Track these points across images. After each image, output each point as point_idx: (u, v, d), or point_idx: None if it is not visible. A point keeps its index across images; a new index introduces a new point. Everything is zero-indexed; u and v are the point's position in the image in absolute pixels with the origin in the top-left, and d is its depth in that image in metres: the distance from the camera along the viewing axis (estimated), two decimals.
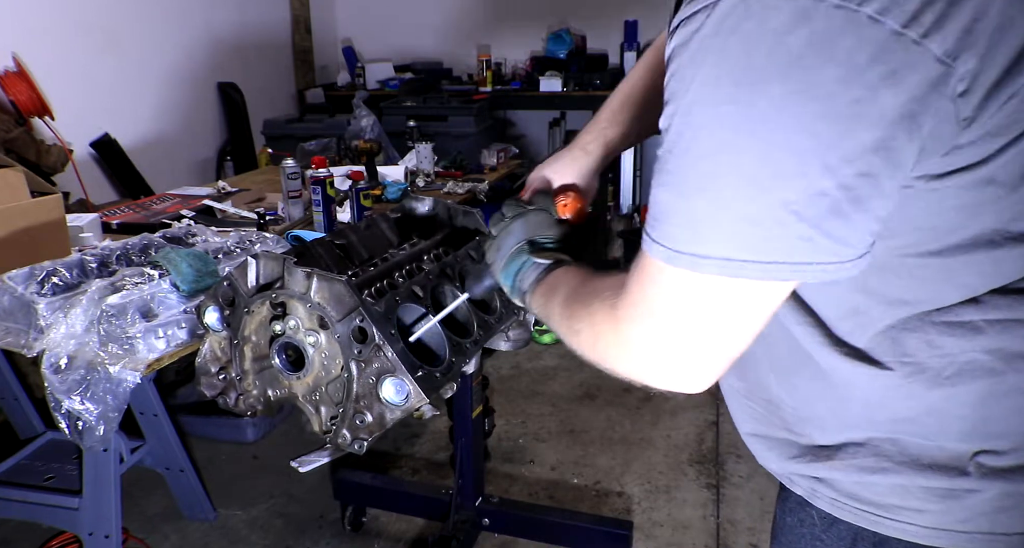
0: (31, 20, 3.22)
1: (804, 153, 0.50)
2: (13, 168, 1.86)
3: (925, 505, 0.67)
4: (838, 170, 0.50)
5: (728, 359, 0.61)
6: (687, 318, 0.59)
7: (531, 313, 0.85)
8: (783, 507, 0.81)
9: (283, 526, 2.24)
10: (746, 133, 0.51)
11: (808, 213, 0.52)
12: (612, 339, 0.65)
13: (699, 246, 0.55)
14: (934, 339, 0.63)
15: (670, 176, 0.56)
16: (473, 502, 2.06)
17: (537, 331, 3.42)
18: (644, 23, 4.88)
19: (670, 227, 0.57)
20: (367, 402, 1.10)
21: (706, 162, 0.54)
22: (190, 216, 2.45)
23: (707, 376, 0.62)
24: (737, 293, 0.56)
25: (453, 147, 3.65)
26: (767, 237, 0.53)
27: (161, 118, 4.04)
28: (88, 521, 1.80)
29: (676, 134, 0.55)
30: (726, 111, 0.52)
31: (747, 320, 0.59)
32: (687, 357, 0.61)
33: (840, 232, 0.53)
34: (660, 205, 0.58)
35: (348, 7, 5.64)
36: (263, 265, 1.16)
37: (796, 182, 0.51)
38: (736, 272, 0.54)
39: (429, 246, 1.37)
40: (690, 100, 0.54)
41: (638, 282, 0.61)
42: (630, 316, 0.62)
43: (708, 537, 2.17)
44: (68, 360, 1.48)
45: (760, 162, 0.51)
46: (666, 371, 0.62)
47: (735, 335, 0.59)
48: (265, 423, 2.69)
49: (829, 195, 0.51)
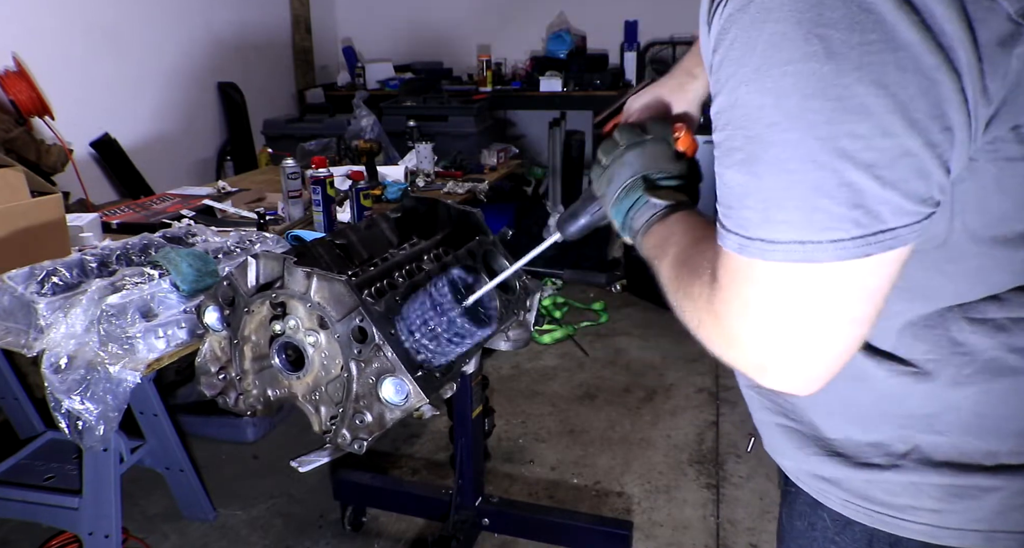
0: (31, 20, 3.22)
1: (887, 109, 0.47)
2: (13, 168, 1.86)
3: (940, 505, 0.66)
4: (925, 126, 0.47)
5: (840, 353, 0.55)
6: (784, 313, 0.53)
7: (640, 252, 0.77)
8: (790, 512, 0.80)
9: (283, 526, 2.24)
10: (820, 91, 0.47)
11: (893, 176, 0.48)
12: (716, 332, 0.59)
13: (771, 230, 0.51)
14: (955, 336, 0.62)
15: (741, 153, 0.52)
16: (473, 502, 2.06)
17: (537, 331, 3.42)
18: (644, 23, 4.88)
19: (745, 211, 0.53)
20: (367, 402, 1.10)
21: (776, 130, 0.49)
22: (190, 216, 2.45)
23: (815, 375, 0.56)
24: (824, 278, 0.51)
25: (453, 147, 3.65)
26: (844, 210, 0.49)
27: (161, 118, 4.04)
28: (88, 521, 1.80)
29: (743, 107, 0.51)
30: (796, 69, 0.48)
31: (848, 307, 0.53)
32: (795, 355, 0.55)
33: (922, 192, 0.49)
34: (731, 189, 0.54)
35: (348, 7, 5.65)
36: (263, 265, 1.16)
37: (879, 142, 0.48)
38: (811, 256, 0.50)
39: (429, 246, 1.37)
40: (756, 65, 0.50)
41: (726, 277, 0.56)
42: (727, 312, 0.57)
43: (708, 537, 2.17)
44: (68, 360, 1.48)
45: (837, 123, 0.48)
46: (774, 370, 0.57)
47: (841, 326, 0.53)
48: (265, 423, 2.69)
49: (915, 155, 0.48)
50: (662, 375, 3.13)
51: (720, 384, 3.03)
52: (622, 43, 4.96)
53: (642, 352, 3.35)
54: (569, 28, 5.05)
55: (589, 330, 3.58)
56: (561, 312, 3.73)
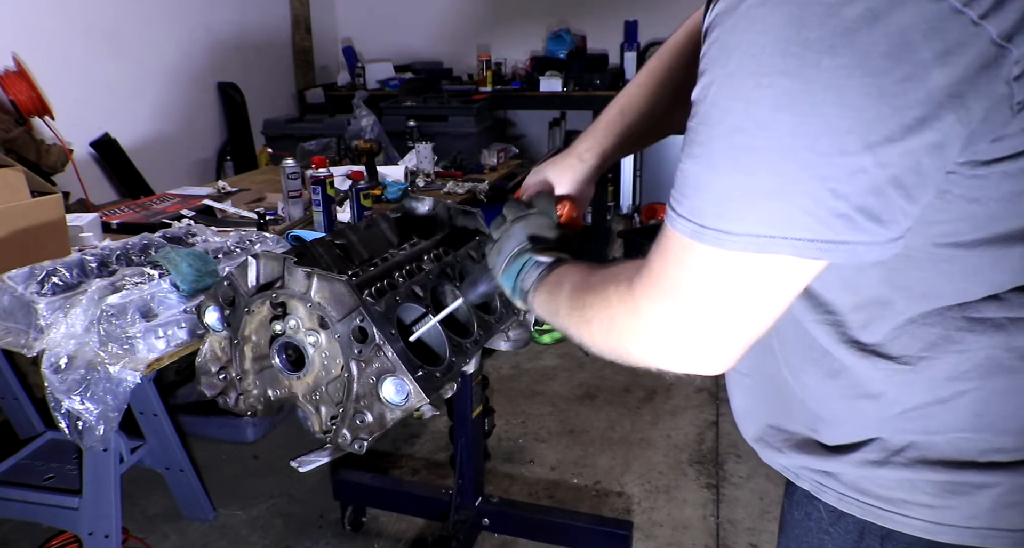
0: (31, 20, 3.22)
1: (847, 129, 0.49)
2: (13, 168, 1.86)
3: (934, 500, 0.67)
4: (881, 149, 0.49)
5: (748, 340, 0.59)
6: (711, 297, 0.57)
7: (533, 314, 0.83)
8: (790, 501, 0.81)
9: (283, 526, 2.24)
10: (788, 106, 0.50)
11: (845, 190, 0.50)
12: (628, 321, 0.63)
13: (728, 222, 0.54)
14: (953, 335, 0.62)
15: (701, 148, 0.55)
16: (473, 502, 2.06)
17: (537, 331, 3.42)
18: (644, 23, 4.88)
19: (698, 201, 0.55)
20: (367, 402, 1.10)
21: (741, 135, 0.52)
22: (190, 216, 2.45)
23: (726, 357, 0.60)
24: (764, 271, 0.55)
25: (453, 147, 3.65)
26: (800, 213, 0.52)
27: (161, 118, 4.04)
28: (88, 521, 1.80)
29: (711, 105, 0.53)
30: (769, 83, 0.50)
31: (772, 300, 0.57)
32: (707, 338, 0.59)
33: (877, 212, 0.51)
34: (688, 179, 0.56)
35: (348, 7, 5.65)
36: (263, 265, 1.16)
37: (836, 159, 0.50)
38: (765, 248, 0.53)
39: (429, 246, 1.37)
40: (731, 70, 0.52)
41: (661, 260, 0.60)
42: (650, 295, 0.60)
43: (708, 537, 2.17)
44: (68, 360, 1.48)
45: (800, 136, 0.50)
46: (684, 353, 0.61)
47: (758, 315, 0.58)
48: (265, 423, 2.69)
49: (869, 173, 0.50)
50: (662, 375, 3.13)
51: (720, 384, 3.03)
52: (622, 43, 4.96)
53: None
54: (569, 28, 5.05)
55: None
56: None
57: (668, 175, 4.75)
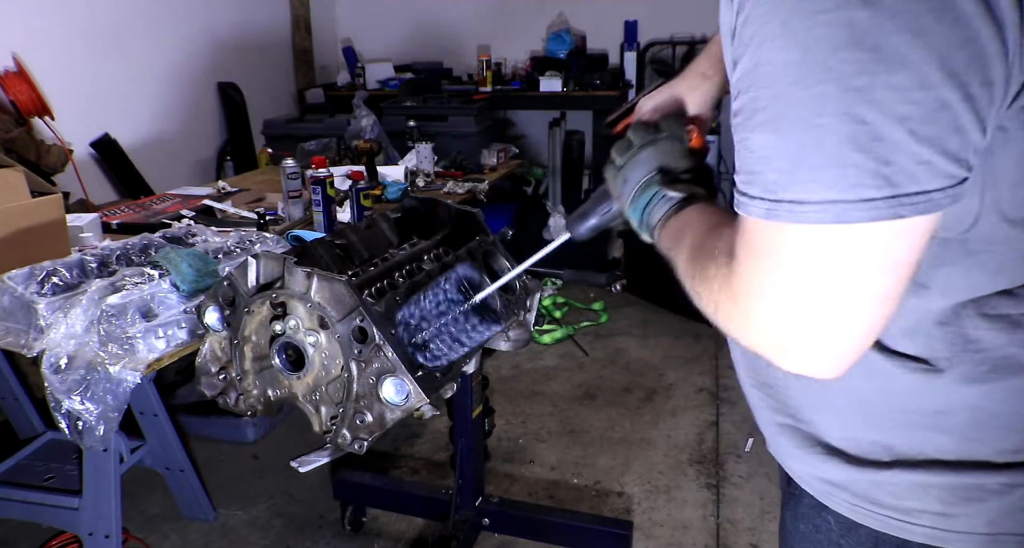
0: (31, 20, 3.22)
1: (925, 59, 0.44)
2: (13, 168, 1.86)
3: (949, 508, 0.65)
4: (965, 77, 0.45)
5: (863, 334, 0.52)
6: (808, 287, 0.51)
7: (658, 248, 0.76)
8: (794, 513, 0.78)
9: (283, 526, 2.24)
10: (853, 42, 0.45)
11: (928, 131, 0.46)
12: (731, 311, 0.57)
13: (802, 189, 0.48)
14: (969, 333, 0.60)
15: (764, 114, 0.49)
16: (473, 502, 2.06)
17: (537, 331, 3.42)
18: (644, 23, 4.88)
19: (770, 174, 0.50)
20: (367, 402, 1.10)
21: (805, 84, 0.47)
22: (190, 216, 2.45)
23: (843, 354, 0.53)
24: (856, 244, 0.48)
25: (453, 147, 3.65)
26: (879, 165, 0.46)
27: (161, 118, 4.04)
28: (88, 521, 1.80)
29: (766, 64, 0.49)
30: (827, 20, 0.45)
31: (878, 277, 0.50)
32: (813, 337, 0.52)
33: (958, 151, 0.47)
34: (755, 152, 0.51)
35: (348, 7, 5.65)
36: (263, 265, 1.16)
37: (916, 94, 0.45)
38: (843, 216, 0.48)
39: (429, 246, 1.37)
40: (783, 19, 0.47)
41: (745, 253, 0.54)
42: (746, 291, 0.54)
43: (708, 537, 2.17)
44: (68, 360, 1.48)
45: (872, 74, 0.45)
46: (796, 351, 0.54)
47: (869, 300, 0.51)
48: (265, 423, 2.69)
49: (952, 109, 0.45)
50: (662, 375, 3.13)
51: (720, 384, 3.03)
52: (622, 43, 4.95)
53: (642, 352, 3.35)
54: (569, 28, 5.05)
55: (589, 330, 3.58)
56: (561, 312, 3.74)
57: None
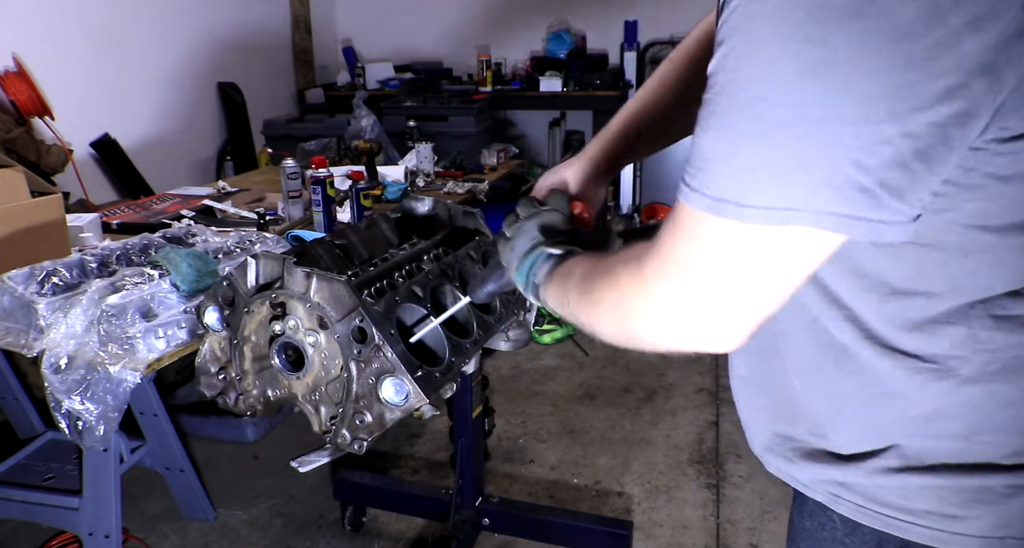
0: (31, 20, 3.22)
1: (873, 97, 0.47)
2: (13, 168, 1.86)
3: (955, 510, 0.64)
4: (907, 118, 0.48)
5: (759, 318, 0.58)
6: (722, 272, 0.56)
7: (546, 308, 0.83)
8: (800, 511, 0.78)
9: (283, 526, 2.24)
10: (812, 73, 0.48)
11: (869, 162, 0.49)
12: (636, 300, 0.62)
13: (748, 194, 0.52)
14: (979, 333, 0.60)
15: (720, 120, 0.53)
16: (473, 502, 2.06)
17: (537, 331, 3.42)
18: (644, 23, 4.88)
19: (716, 174, 0.54)
20: (367, 402, 1.10)
21: (763, 103, 0.50)
22: (190, 216, 2.45)
23: (734, 335, 0.59)
24: (781, 245, 0.53)
25: (453, 147, 3.65)
26: (821, 185, 0.50)
27: (161, 118, 4.04)
28: (88, 521, 1.80)
29: (731, 73, 0.52)
30: (793, 49, 0.48)
31: (785, 276, 0.56)
32: (716, 314, 0.58)
33: (900, 186, 0.50)
34: (705, 151, 0.55)
35: (348, 7, 5.65)
36: (263, 265, 1.16)
37: (861, 128, 0.48)
38: (785, 220, 0.51)
39: (429, 246, 1.37)
40: (753, 37, 0.50)
41: (671, 236, 0.58)
42: (660, 273, 0.59)
43: (708, 537, 2.17)
44: (68, 360, 1.48)
45: (824, 105, 0.48)
46: (691, 330, 0.59)
47: (770, 292, 0.56)
48: (265, 423, 2.69)
49: (894, 145, 0.48)
50: (662, 375, 3.13)
51: (720, 384, 3.03)
52: (622, 43, 4.95)
53: (642, 352, 3.35)
54: (569, 28, 5.05)
55: None
56: None
57: (668, 175, 4.76)
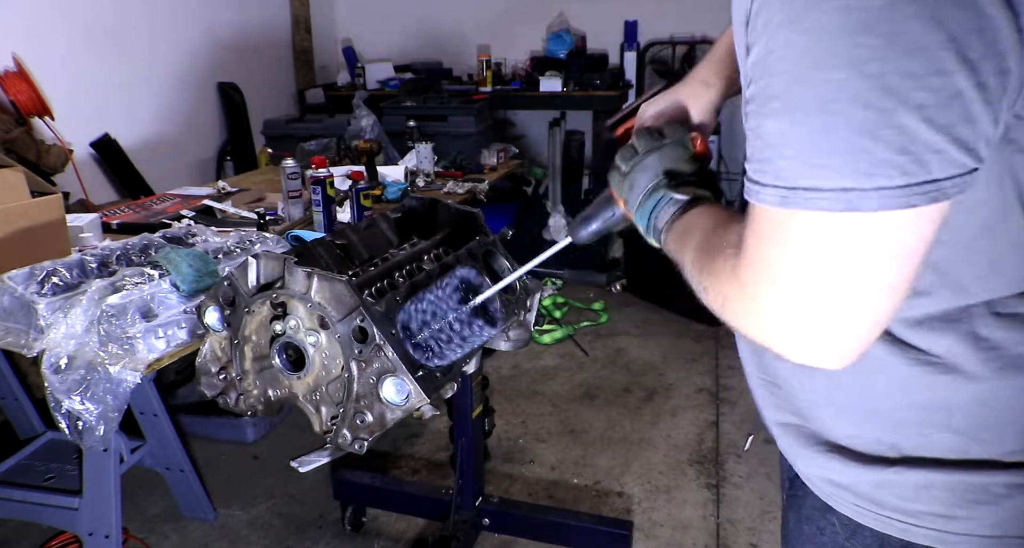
0: (31, 20, 3.22)
1: (940, 47, 0.44)
2: (13, 168, 1.86)
3: (954, 510, 0.64)
4: (979, 65, 0.45)
5: (872, 324, 0.53)
6: (815, 276, 0.51)
7: (666, 251, 0.76)
8: (798, 515, 0.78)
9: (283, 526, 2.24)
10: (869, 26, 0.45)
11: (942, 119, 0.45)
12: (740, 304, 0.57)
13: (817, 177, 0.48)
14: (980, 331, 0.60)
15: (777, 102, 0.49)
16: (473, 502, 2.06)
17: (537, 331, 3.42)
18: (644, 23, 4.88)
19: (783, 161, 0.50)
20: (368, 402, 1.10)
21: (817, 70, 0.47)
22: (190, 216, 2.45)
23: (850, 344, 0.53)
24: (868, 233, 0.48)
25: (453, 147, 3.65)
26: (894, 153, 0.46)
27: (161, 118, 4.04)
28: (88, 521, 1.80)
29: (783, 48, 0.48)
30: (844, 5, 0.45)
31: (886, 267, 0.50)
32: (825, 324, 0.52)
33: (968, 139, 0.47)
34: (768, 140, 0.51)
35: (348, 7, 5.65)
36: (263, 265, 1.16)
37: (932, 81, 0.45)
38: (856, 204, 0.48)
39: (429, 246, 1.37)
40: (800, 4, 0.47)
41: (754, 241, 0.54)
42: (754, 280, 0.54)
43: (708, 537, 2.17)
44: (68, 360, 1.48)
45: (886, 59, 0.45)
46: (803, 343, 0.54)
47: (879, 288, 0.51)
48: (265, 423, 2.69)
49: (966, 96, 0.45)
50: (662, 375, 3.13)
51: (720, 384, 3.03)
52: (622, 43, 4.95)
53: (642, 352, 3.35)
54: (569, 28, 5.05)
55: (589, 330, 3.58)
56: (561, 312, 3.74)
57: None
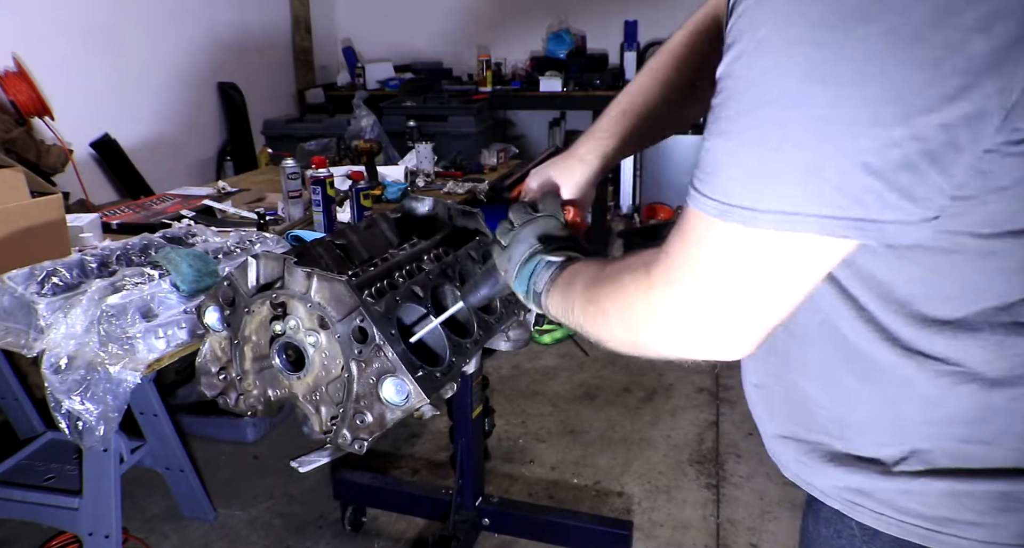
0: (31, 20, 3.22)
1: (882, 100, 0.47)
2: (13, 168, 1.86)
3: (981, 517, 0.63)
4: (917, 120, 0.47)
5: (770, 325, 0.57)
6: (731, 277, 0.55)
7: (549, 315, 0.82)
8: (815, 517, 0.76)
9: (283, 526, 2.24)
10: (821, 76, 0.48)
11: (878, 165, 0.48)
12: (643, 307, 0.61)
13: (756, 199, 0.52)
14: (1003, 338, 0.60)
15: (728, 123, 0.53)
16: (473, 502, 2.06)
17: (537, 331, 3.42)
18: (644, 23, 4.88)
19: (724, 179, 0.54)
20: (367, 402, 1.10)
21: (771, 107, 0.50)
22: (190, 216, 2.45)
23: (746, 342, 0.58)
24: (791, 250, 0.53)
25: (453, 147, 3.65)
26: (831, 189, 0.50)
27: (161, 118, 4.04)
28: (88, 521, 1.80)
29: (739, 78, 0.52)
30: (802, 52, 0.48)
31: (795, 282, 0.55)
32: (724, 321, 0.57)
33: (910, 189, 0.49)
34: (714, 156, 0.54)
35: (348, 7, 5.65)
36: (263, 265, 1.16)
37: (870, 131, 0.48)
38: (793, 226, 0.51)
39: (429, 246, 1.37)
40: (760, 40, 0.50)
41: (680, 243, 0.58)
42: (667, 279, 0.58)
43: (708, 537, 2.17)
44: (68, 360, 1.48)
45: (833, 108, 0.48)
46: (699, 337, 0.59)
47: (780, 298, 0.56)
48: (265, 423, 2.69)
49: (902, 147, 0.48)
50: (662, 375, 3.13)
51: (720, 384, 3.03)
52: (622, 43, 4.96)
53: None
54: (569, 28, 5.05)
55: None
56: None
57: (668, 175, 4.76)
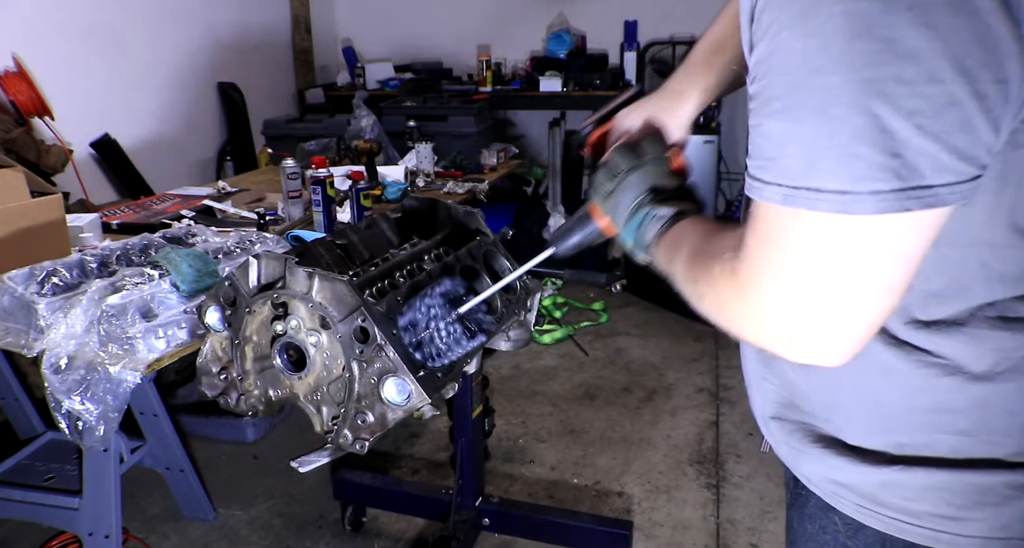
0: (31, 20, 3.22)
1: (938, 55, 0.45)
2: (13, 168, 1.86)
3: (958, 511, 0.64)
4: (976, 74, 0.45)
5: (868, 324, 0.53)
6: (817, 275, 0.51)
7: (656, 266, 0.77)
8: (800, 514, 0.78)
9: (283, 526, 2.24)
10: (865, 33, 0.45)
11: (935, 127, 0.46)
12: (738, 307, 0.58)
13: (818, 178, 0.49)
14: (988, 333, 0.60)
15: (780, 102, 0.50)
16: (473, 502, 2.06)
17: (537, 331, 3.42)
18: (644, 23, 4.88)
19: (786, 160, 0.51)
20: (369, 402, 1.10)
21: (818, 75, 0.47)
22: (190, 216, 2.45)
23: (848, 343, 0.54)
24: (861, 234, 0.49)
25: (453, 147, 3.65)
26: (888, 157, 0.47)
27: (161, 118, 4.04)
28: (88, 521, 1.80)
29: (785, 51, 0.49)
30: (843, 10, 0.46)
31: (884, 268, 0.51)
32: (823, 324, 0.53)
33: (965, 149, 0.47)
34: (771, 139, 0.52)
35: (348, 7, 5.65)
36: (264, 265, 1.16)
37: (925, 88, 0.45)
38: (851, 206, 0.48)
39: (429, 246, 1.37)
40: (801, 7, 0.48)
41: (756, 241, 0.54)
42: (754, 281, 0.55)
43: (708, 537, 2.17)
44: (68, 360, 1.48)
45: (881, 65, 0.45)
46: (801, 342, 0.55)
47: (873, 290, 0.51)
48: (265, 423, 2.69)
49: (962, 104, 0.46)
50: (662, 375, 3.13)
51: (720, 384, 3.03)
52: (622, 43, 4.95)
53: (642, 352, 3.35)
54: (569, 28, 5.05)
55: (589, 330, 3.58)
56: (561, 312, 3.73)
57: None
